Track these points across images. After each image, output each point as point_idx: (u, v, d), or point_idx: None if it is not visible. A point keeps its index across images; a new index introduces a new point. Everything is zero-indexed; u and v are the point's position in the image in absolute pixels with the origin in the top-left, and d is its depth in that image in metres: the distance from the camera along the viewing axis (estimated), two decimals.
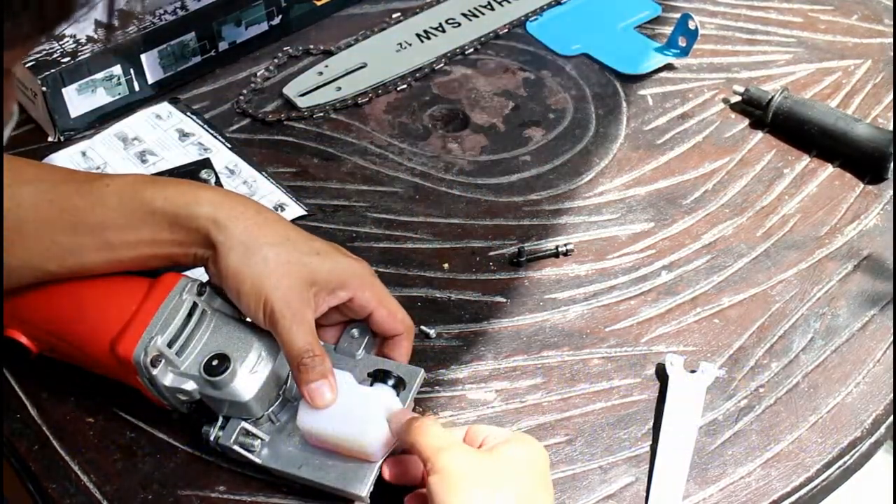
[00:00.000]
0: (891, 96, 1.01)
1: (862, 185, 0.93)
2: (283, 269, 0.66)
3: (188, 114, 0.97)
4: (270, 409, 0.69)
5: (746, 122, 0.99)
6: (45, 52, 0.92)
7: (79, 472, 0.71)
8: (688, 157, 0.95)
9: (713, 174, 0.94)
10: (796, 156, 0.96)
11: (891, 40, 1.07)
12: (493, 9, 1.10)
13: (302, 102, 0.99)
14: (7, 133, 0.47)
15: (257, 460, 0.68)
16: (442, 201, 0.91)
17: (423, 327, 0.80)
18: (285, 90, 1.01)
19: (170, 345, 0.66)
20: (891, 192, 0.92)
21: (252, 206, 0.69)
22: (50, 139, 0.96)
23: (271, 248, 0.67)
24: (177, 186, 0.68)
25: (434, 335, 0.80)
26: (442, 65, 1.04)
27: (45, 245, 0.67)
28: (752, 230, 0.89)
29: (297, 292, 0.66)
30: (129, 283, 0.69)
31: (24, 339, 0.71)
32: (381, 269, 0.84)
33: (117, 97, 0.97)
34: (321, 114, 0.99)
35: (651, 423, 0.75)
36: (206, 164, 0.89)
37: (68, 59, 0.92)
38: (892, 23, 1.09)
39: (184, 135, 0.95)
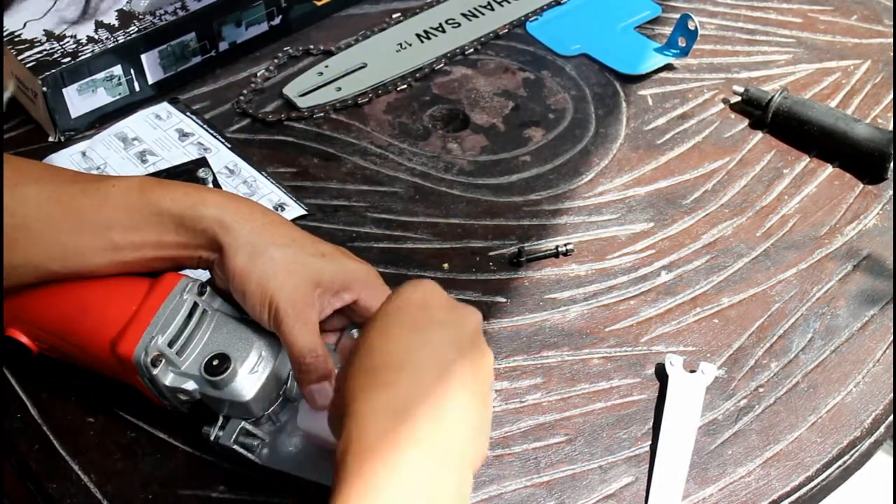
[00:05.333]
0: (890, 96, 1.01)
1: (861, 186, 0.93)
2: (289, 270, 0.66)
3: (188, 114, 0.97)
4: (270, 409, 0.69)
5: (746, 122, 0.99)
6: (45, 53, 0.93)
7: (79, 472, 0.71)
8: (687, 158, 0.96)
9: (713, 174, 0.94)
10: (796, 156, 0.96)
11: (890, 40, 1.07)
12: (493, 9, 1.10)
13: (302, 102, 0.99)
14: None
15: (257, 460, 0.68)
16: (442, 201, 0.91)
17: None
18: (285, 90, 1.01)
19: (170, 345, 0.66)
20: (890, 192, 0.93)
21: (258, 209, 0.69)
22: (50, 139, 0.96)
23: (277, 249, 0.67)
24: (183, 188, 0.69)
25: None
26: (442, 65, 1.04)
27: (49, 244, 0.67)
28: (752, 230, 0.89)
29: (301, 293, 0.66)
30: (129, 283, 0.69)
31: (24, 339, 0.71)
32: (381, 269, 0.83)
33: (117, 97, 0.97)
34: (321, 114, 0.99)
35: (651, 423, 0.75)
36: (202, 162, 0.89)
37: (69, 59, 0.92)
38: (891, 23, 1.10)
39: (183, 135, 0.95)
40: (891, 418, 0.78)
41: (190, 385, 0.67)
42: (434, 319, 0.58)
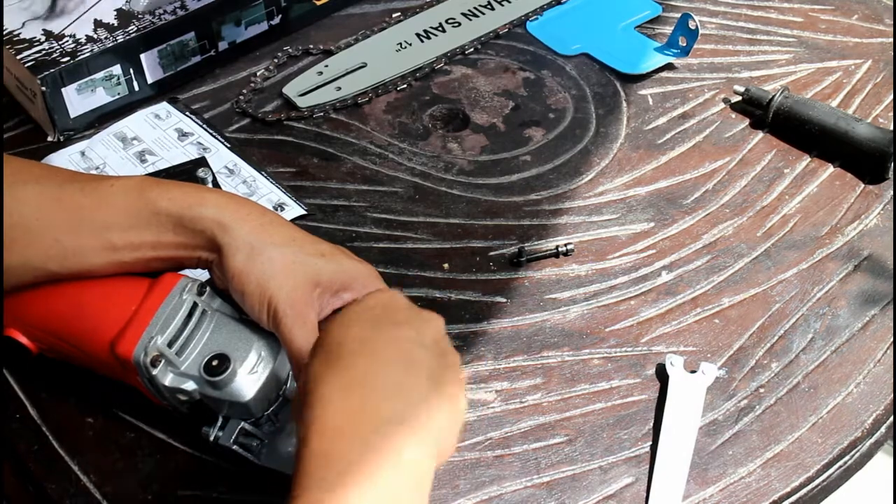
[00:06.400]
0: (891, 96, 1.01)
1: (862, 185, 0.93)
2: (288, 270, 0.66)
3: (187, 114, 0.97)
4: (270, 410, 0.69)
5: (747, 121, 0.99)
6: (44, 52, 0.92)
7: (78, 472, 0.71)
8: (688, 157, 0.95)
9: (713, 174, 0.94)
10: (797, 156, 0.96)
11: (891, 40, 1.07)
12: (493, 8, 1.10)
13: (302, 102, 0.99)
14: None
15: (256, 461, 0.68)
16: (442, 201, 0.91)
17: None
18: (285, 90, 1.01)
19: (170, 345, 0.66)
20: (891, 191, 0.92)
21: (257, 209, 0.69)
22: (49, 139, 0.95)
23: (276, 249, 0.67)
24: (181, 188, 0.68)
25: None
26: (442, 64, 1.04)
27: (48, 244, 0.67)
28: (753, 230, 0.89)
29: (301, 293, 0.66)
30: (129, 283, 0.69)
31: (23, 339, 0.71)
32: (381, 269, 0.83)
33: (117, 97, 0.97)
34: (321, 113, 0.99)
35: (651, 424, 0.75)
36: (202, 162, 0.89)
37: (68, 58, 0.92)
38: (892, 22, 1.09)
39: (183, 134, 0.95)
40: (891, 419, 0.78)
41: (189, 385, 0.67)
42: (395, 319, 0.60)
